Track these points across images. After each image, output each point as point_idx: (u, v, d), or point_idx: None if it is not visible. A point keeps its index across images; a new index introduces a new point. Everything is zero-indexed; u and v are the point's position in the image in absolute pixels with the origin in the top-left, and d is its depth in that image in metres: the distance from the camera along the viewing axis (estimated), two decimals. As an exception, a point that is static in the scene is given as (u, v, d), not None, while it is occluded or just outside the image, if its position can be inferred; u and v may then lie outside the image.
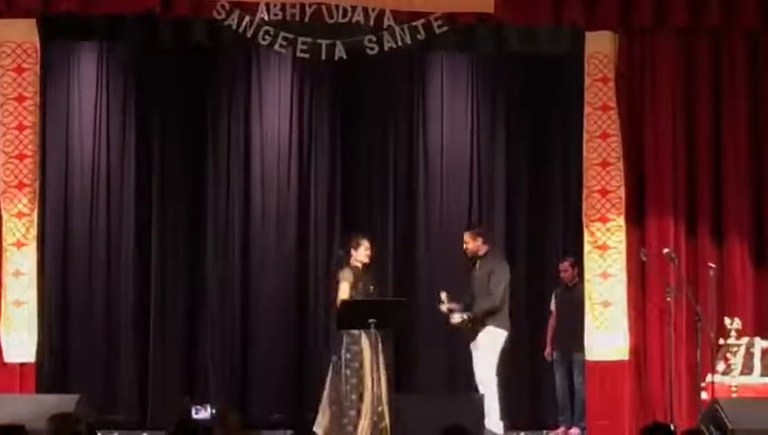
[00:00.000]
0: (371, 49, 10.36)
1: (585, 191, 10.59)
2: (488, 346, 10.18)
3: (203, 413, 5.66)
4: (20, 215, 10.17)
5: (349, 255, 10.12)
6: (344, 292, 9.95)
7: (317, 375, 11.29)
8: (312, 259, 11.63)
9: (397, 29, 10.30)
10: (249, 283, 11.58)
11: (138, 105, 11.59)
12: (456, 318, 10.22)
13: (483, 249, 10.40)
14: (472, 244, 10.41)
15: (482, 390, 10.02)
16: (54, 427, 5.66)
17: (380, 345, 9.94)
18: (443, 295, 10.29)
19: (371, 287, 10.10)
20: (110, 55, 11.53)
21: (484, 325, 10.17)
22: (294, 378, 11.43)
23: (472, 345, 10.28)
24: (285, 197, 11.69)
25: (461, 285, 10.74)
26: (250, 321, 11.53)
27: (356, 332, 9.82)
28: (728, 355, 9.89)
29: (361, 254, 10.11)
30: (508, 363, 10.58)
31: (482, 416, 9.44)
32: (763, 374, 9.80)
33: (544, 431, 11.06)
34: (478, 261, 10.40)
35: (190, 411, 5.92)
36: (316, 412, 10.00)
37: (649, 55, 10.63)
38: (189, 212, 11.59)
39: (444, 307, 10.29)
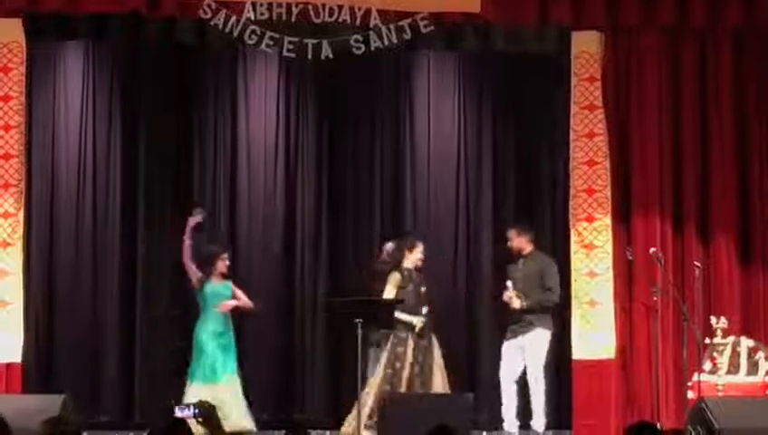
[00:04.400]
0: (358, 48, 10.36)
1: (572, 191, 10.62)
2: (538, 349, 10.14)
3: (186, 412, 5.61)
4: (6, 215, 10.15)
5: (402, 256, 10.19)
6: (389, 293, 9.98)
7: (306, 375, 11.34)
8: (298, 258, 11.59)
9: (383, 28, 10.31)
10: (236, 282, 11.52)
11: (123, 105, 11.53)
12: (516, 303, 10.11)
13: (527, 247, 10.38)
14: (516, 240, 10.41)
15: (533, 388, 10.12)
16: (49, 430, 5.64)
17: (435, 349, 9.98)
18: (508, 283, 10.22)
19: (422, 289, 10.11)
20: (96, 55, 11.46)
21: (532, 325, 10.13)
22: (283, 379, 11.40)
23: (515, 344, 10.17)
24: (272, 195, 11.65)
25: (449, 284, 10.73)
26: (237, 321, 11.47)
27: (403, 334, 9.85)
28: (714, 354, 9.93)
29: (415, 256, 10.18)
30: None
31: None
32: (749, 373, 9.86)
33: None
34: (522, 259, 10.37)
35: (173, 410, 5.85)
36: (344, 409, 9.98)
37: (636, 55, 10.66)
38: (175, 211, 11.52)
39: (508, 295, 10.17)
